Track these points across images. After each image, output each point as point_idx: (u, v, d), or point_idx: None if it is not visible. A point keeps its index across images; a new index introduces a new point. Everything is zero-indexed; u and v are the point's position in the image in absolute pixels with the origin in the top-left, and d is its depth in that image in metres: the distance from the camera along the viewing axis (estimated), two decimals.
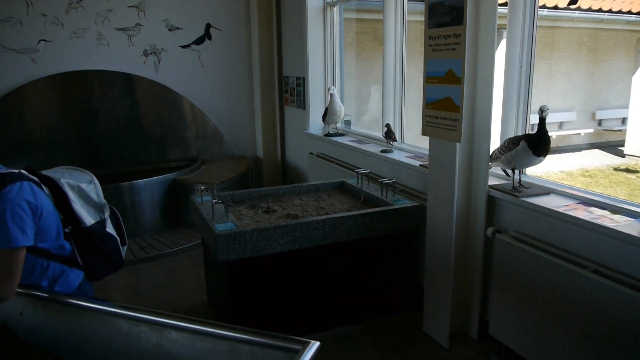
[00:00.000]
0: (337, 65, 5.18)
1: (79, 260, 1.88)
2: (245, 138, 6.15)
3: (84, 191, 1.86)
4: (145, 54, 5.54)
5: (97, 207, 1.92)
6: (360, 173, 3.59)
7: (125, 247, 2.08)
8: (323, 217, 2.93)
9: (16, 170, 1.70)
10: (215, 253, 2.69)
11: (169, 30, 5.59)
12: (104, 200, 1.97)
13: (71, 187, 1.83)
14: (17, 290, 1.76)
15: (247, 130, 6.13)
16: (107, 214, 1.97)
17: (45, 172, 1.84)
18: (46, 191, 1.77)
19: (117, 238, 2.01)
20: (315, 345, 1.31)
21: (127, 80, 5.46)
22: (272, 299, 2.93)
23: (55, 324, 1.67)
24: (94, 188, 1.92)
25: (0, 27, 4.97)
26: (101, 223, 1.91)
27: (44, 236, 1.73)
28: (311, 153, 5.05)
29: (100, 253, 1.92)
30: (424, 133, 2.90)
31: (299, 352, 1.28)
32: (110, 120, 5.46)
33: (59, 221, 1.80)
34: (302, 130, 5.37)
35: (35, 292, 1.71)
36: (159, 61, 5.60)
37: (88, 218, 1.87)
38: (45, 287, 1.82)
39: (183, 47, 5.69)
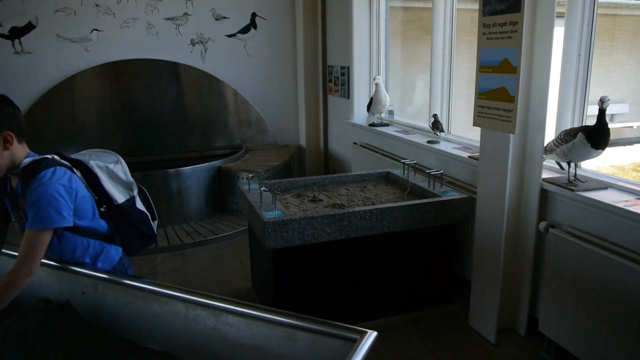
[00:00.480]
0: (383, 55, 5.13)
1: (116, 237, 1.96)
2: (288, 127, 6.18)
3: (112, 171, 1.93)
4: (193, 43, 5.62)
5: (126, 186, 1.99)
6: (407, 164, 3.55)
7: (156, 222, 2.15)
8: (370, 207, 2.91)
9: (49, 156, 1.76)
10: (263, 240, 2.72)
11: (216, 19, 5.65)
12: (132, 179, 2.03)
13: (100, 168, 1.90)
14: (80, 270, 1.83)
15: (290, 119, 6.16)
16: (135, 192, 2.04)
17: (74, 156, 1.91)
18: (78, 174, 1.83)
19: (147, 213, 2.09)
20: (372, 335, 1.31)
21: (174, 69, 5.56)
22: (317, 287, 2.95)
23: (115, 304, 1.72)
24: (121, 168, 1.98)
25: (56, 18, 5.14)
26: (131, 200, 1.99)
27: (80, 216, 1.80)
28: (355, 143, 5.03)
29: (134, 228, 2.01)
30: (475, 124, 2.84)
31: (357, 342, 1.29)
32: (157, 108, 5.58)
33: (93, 201, 1.87)
34: (345, 119, 5.36)
35: (97, 273, 1.78)
36: (205, 50, 5.67)
37: (119, 196, 1.94)
38: (89, 263, 1.92)
39: (229, 36, 5.75)
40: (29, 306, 1.83)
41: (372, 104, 4.71)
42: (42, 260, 1.88)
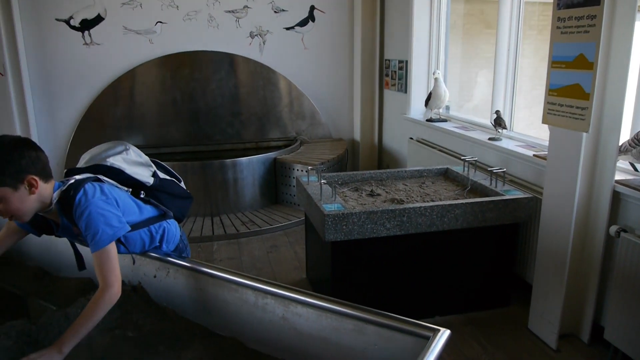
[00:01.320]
0: (442, 49, 5.03)
1: (166, 212, 2.02)
2: (343, 120, 6.17)
3: (127, 159, 1.96)
4: (252, 35, 5.69)
5: (145, 165, 2.03)
6: (468, 160, 3.48)
7: (182, 183, 2.20)
8: (431, 203, 2.87)
9: (72, 180, 1.75)
10: (322, 233, 2.74)
11: (275, 12, 5.70)
12: (146, 156, 2.07)
13: (118, 161, 1.93)
14: (152, 254, 1.89)
15: (345, 112, 6.15)
16: (154, 166, 2.09)
17: (85, 166, 1.91)
18: (105, 179, 1.86)
19: (173, 179, 2.15)
20: (446, 333, 1.30)
21: (233, 61, 5.66)
22: (373, 282, 2.94)
23: (186, 288, 1.78)
24: (132, 152, 2.00)
25: (123, 10, 5.32)
26: (155, 175, 2.04)
27: (130, 213, 1.84)
28: (411, 138, 4.97)
29: (172, 196, 2.08)
30: (545, 121, 2.74)
31: (430, 339, 1.27)
32: (215, 99, 5.70)
33: (130, 196, 1.92)
34: (401, 114, 5.30)
35: (168, 258, 1.83)
36: (263, 42, 5.73)
37: (146, 177, 2.00)
38: (159, 246, 1.98)
39: (287, 28, 5.79)
40: None
41: (430, 99, 4.64)
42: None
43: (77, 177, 1.78)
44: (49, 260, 2.25)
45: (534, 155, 3.24)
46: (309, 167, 3.31)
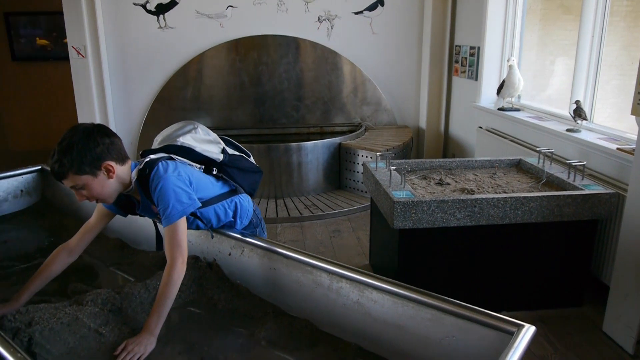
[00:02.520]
0: (517, 35, 4.82)
1: (238, 187, 2.07)
2: (408, 107, 6.06)
3: (196, 137, 1.99)
4: (320, 20, 5.67)
5: (214, 142, 2.06)
6: (544, 152, 3.33)
7: (251, 157, 2.24)
8: (504, 195, 2.77)
9: (148, 159, 1.81)
10: (390, 220, 2.71)
11: None
12: (214, 134, 2.10)
13: (188, 140, 1.96)
14: (227, 232, 1.94)
15: (411, 99, 6.03)
16: (222, 142, 2.12)
17: (162, 145, 1.96)
18: (178, 158, 1.90)
19: (242, 154, 2.18)
20: (531, 329, 1.25)
21: (301, 46, 5.67)
22: (440, 272, 2.89)
23: (260, 267, 1.81)
24: (201, 130, 2.03)
25: None
26: (224, 151, 2.07)
27: (203, 190, 1.89)
28: (480, 127, 4.81)
29: (242, 171, 2.11)
30: (634, 112, 2.56)
31: (514, 335, 1.23)
32: (282, 82, 5.74)
33: (202, 173, 1.96)
34: (471, 102, 5.13)
35: (243, 237, 1.87)
36: (331, 27, 5.70)
37: (216, 154, 2.03)
38: (233, 221, 2.02)
39: (356, 13, 5.72)
40: None
41: (503, 87, 4.46)
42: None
43: (152, 156, 1.85)
44: (129, 234, 2.36)
45: (617, 149, 3.05)
46: (378, 153, 3.27)
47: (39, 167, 2.89)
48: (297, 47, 5.67)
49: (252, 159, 2.24)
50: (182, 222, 1.74)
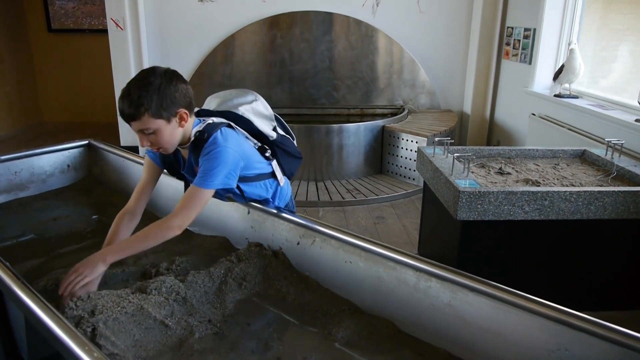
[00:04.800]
0: (578, 17, 4.54)
1: (283, 170, 2.02)
2: (453, 90, 5.81)
3: (255, 109, 1.92)
4: None
5: (269, 118, 1.99)
6: (613, 143, 3.11)
7: (295, 140, 2.15)
8: (577, 188, 2.58)
9: (210, 121, 1.75)
10: (453, 210, 2.55)
11: None
12: (271, 110, 2.02)
13: (248, 111, 1.89)
14: (296, 219, 1.80)
15: (457, 82, 5.78)
16: (275, 121, 2.04)
17: (221, 109, 1.89)
18: (236, 128, 1.83)
19: (288, 136, 2.09)
20: None
21: (344, 23, 5.46)
22: (503, 267, 2.73)
23: (333, 260, 1.67)
24: (260, 103, 1.96)
25: None
26: (275, 129, 2.00)
27: (250, 167, 1.83)
28: (533, 114, 4.58)
29: (288, 154, 2.04)
30: None
31: None
32: (324, 61, 5.56)
33: (254, 150, 1.89)
34: (522, 87, 4.89)
35: (314, 225, 1.73)
36: (377, 4, 5.47)
37: (270, 132, 1.96)
38: (271, 202, 1.97)
39: None
40: (242, 248, 1.87)
41: (562, 72, 4.21)
42: (256, 205, 1.91)
43: (215, 119, 1.79)
44: None
45: None
46: (436, 139, 3.09)
47: (86, 142, 2.79)
48: (340, 25, 5.47)
49: (295, 143, 2.15)
50: (209, 194, 1.68)
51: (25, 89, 7.07)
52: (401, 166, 4.82)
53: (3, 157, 2.56)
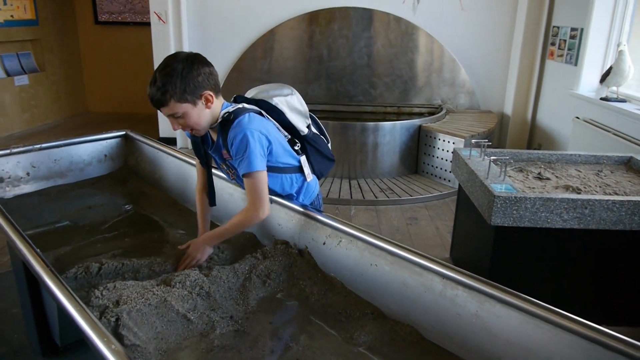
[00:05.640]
0: (629, 17, 4.33)
1: (313, 168, 2.00)
2: (494, 91, 5.66)
3: (290, 103, 1.93)
4: None
5: (303, 114, 1.99)
6: None
7: (329, 144, 2.15)
8: (621, 197, 2.46)
9: (240, 106, 1.80)
10: (487, 215, 2.47)
11: None
12: (306, 106, 2.02)
13: (282, 103, 1.91)
14: (322, 218, 1.78)
15: (498, 82, 5.62)
16: (309, 119, 2.04)
17: (257, 96, 1.93)
18: (267, 116, 1.86)
19: (322, 137, 2.09)
20: None
21: (384, 20, 5.39)
22: (538, 277, 2.63)
23: (358, 262, 1.64)
24: (296, 98, 1.97)
25: None
26: (309, 127, 1.99)
27: (277, 157, 1.84)
28: (577, 117, 4.40)
29: (319, 153, 2.03)
30: None
31: None
32: (362, 57, 5.50)
33: (284, 140, 1.88)
34: (567, 89, 4.71)
35: (341, 225, 1.70)
36: (418, 2, 5.37)
37: (302, 127, 1.96)
38: (295, 197, 1.97)
39: None
40: (268, 245, 1.86)
41: (610, 75, 4.03)
42: (284, 202, 1.89)
43: (247, 105, 1.83)
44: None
45: None
46: (473, 140, 3.01)
47: (123, 132, 2.84)
48: (380, 21, 5.40)
49: (329, 145, 2.14)
50: (261, 174, 1.75)
51: (73, 80, 7.29)
52: (437, 167, 4.73)
53: (44, 145, 2.64)
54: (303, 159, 1.94)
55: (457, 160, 3.10)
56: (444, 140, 4.59)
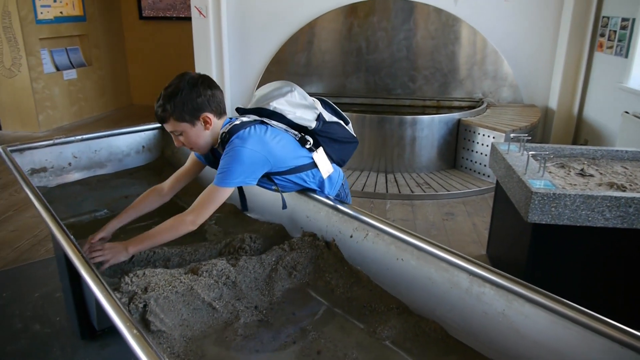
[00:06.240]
0: None
1: (331, 158, 1.98)
2: (538, 84, 5.46)
3: (291, 100, 1.89)
4: None
5: (309, 107, 1.94)
6: None
7: (350, 125, 2.09)
8: None
9: (238, 121, 1.81)
10: (524, 212, 2.39)
11: None
12: (311, 98, 1.98)
13: (281, 104, 1.87)
14: (350, 211, 1.76)
15: (542, 75, 5.42)
16: (319, 106, 1.98)
17: (254, 106, 1.91)
18: (270, 122, 1.85)
19: (340, 121, 2.04)
20: None
21: (424, 11, 5.29)
22: (576, 278, 2.54)
23: (384, 255, 1.62)
24: (296, 94, 1.92)
25: None
26: (320, 118, 1.93)
27: (284, 161, 1.82)
28: (627, 112, 4.20)
29: (334, 141, 1.99)
30: None
31: None
32: (401, 50, 5.42)
33: (292, 141, 1.87)
34: (616, 83, 4.51)
35: (368, 219, 1.68)
36: None
37: (309, 120, 1.91)
38: (320, 190, 1.94)
39: None
40: (296, 237, 1.87)
41: None
42: (313, 195, 1.89)
43: (244, 119, 1.85)
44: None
45: None
46: (511, 135, 2.92)
47: (160, 125, 2.90)
48: (420, 13, 5.30)
49: (349, 127, 2.09)
50: (226, 193, 1.74)
51: (118, 73, 7.52)
52: (476, 162, 4.62)
53: (85, 136, 2.72)
54: (316, 155, 1.90)
55: (494, 154, 3.02)
56: (483, 135, 4.47)
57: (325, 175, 1.93)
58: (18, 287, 2.90)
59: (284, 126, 1.88)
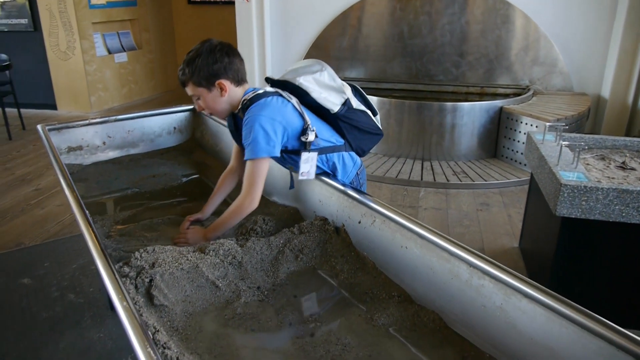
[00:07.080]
0: None
1: (346, 143, 1.96)
2: (590, 71, 5.19)
3: (319, 80, 1.89)
4: None
5: (336, 90, 1.92)
6: None
7: (377, 117, 2.07)
8: None
9: (261, 90, 1.84)
10: (553, 204, 2.30)
11: None
12: (340, 81, 1.95)
13: (308, 81, 1.87)
14: (360, 197, 1.74)
15: (594, 62, 5.14)
16: (349, 92, 1.95)
17: (282, 78, 1.92)
18: (290, 98, 1.85)
19: (367, 111, 2.01)
20: None
21: None
22: (606, 275, 2.42)
23: (390, 242, 1.60)
24: (326, 74, 1.91)
25: None
26: (347, 103, 1.92)
27: (297, 138, 1.83)
28: None
29: (357, 130, 1.98)
30: None
31: None
32: (444, 35, 5.28)
33: (301, 125, 1.85)
34: None
35: (377, 206, 1.66)
36: None
37: (333, 104, 1.90)
38: (330, 174, 1.93)
39: None
40: (307, 221, 1.87)
41: None
42: (326, 179, 1.88)
43: (268, 89, 1.88)
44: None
45: None
46: (547, 124, 2.80)
47: (192, 107, 2.96)
48: None
49: (377, 118, 2.06)
50: (264, 163, 1.78)
51: (166, 57, 7.72)
52: (517, 151, 4.46)
53: (119, 117, 2.82)
54: (305, 154, 1.84)
55: (529, 144, 2.90)
56: (526, 124, 4.31)
57: (299, 176, 1.86)
58: (58, 258, 3.07)
59: (299, 108, 1.87)
